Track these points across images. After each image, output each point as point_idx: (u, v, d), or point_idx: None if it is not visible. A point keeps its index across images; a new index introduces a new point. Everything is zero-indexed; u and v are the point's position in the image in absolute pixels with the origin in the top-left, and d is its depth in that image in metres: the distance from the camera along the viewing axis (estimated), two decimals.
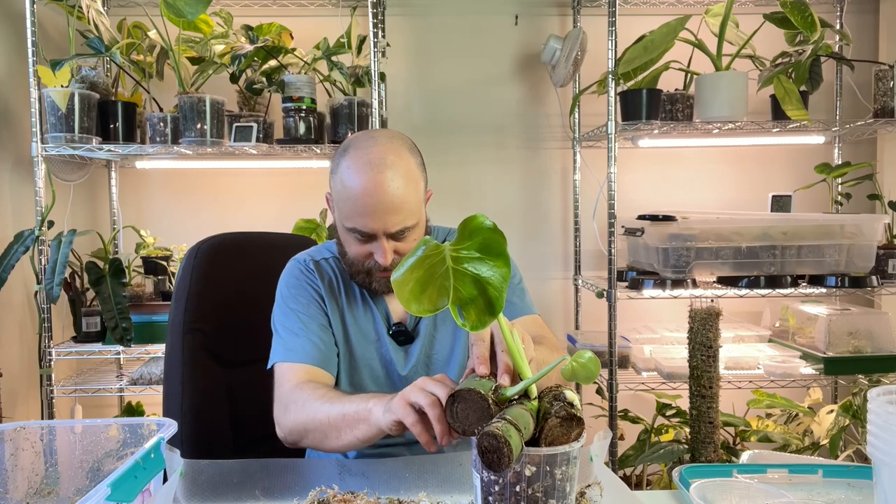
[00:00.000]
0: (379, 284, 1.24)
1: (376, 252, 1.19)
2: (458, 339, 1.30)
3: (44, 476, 0.89)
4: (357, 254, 1.21)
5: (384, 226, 1.16)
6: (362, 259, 1.22)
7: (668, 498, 1.04)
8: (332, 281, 1.31)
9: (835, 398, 2.65)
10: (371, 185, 1.15)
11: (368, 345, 1.28)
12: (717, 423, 1.96)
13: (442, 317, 1.29)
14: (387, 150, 1.18)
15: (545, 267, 2.76)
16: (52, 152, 2.14)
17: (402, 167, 1.17)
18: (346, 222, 1.18)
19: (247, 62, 2.28)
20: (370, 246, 1.19)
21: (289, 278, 1.31)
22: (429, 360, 1.29)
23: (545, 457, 0.75)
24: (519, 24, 2.71)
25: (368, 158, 1.16)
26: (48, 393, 2.15)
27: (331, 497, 0.94)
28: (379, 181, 1.15)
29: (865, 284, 2.24)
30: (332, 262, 1.33)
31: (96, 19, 2.20)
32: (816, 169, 2.51)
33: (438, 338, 1.30)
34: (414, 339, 1.29)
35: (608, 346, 2.26)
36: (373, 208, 1.15)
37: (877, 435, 0.77)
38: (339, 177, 1.19)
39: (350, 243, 1.22)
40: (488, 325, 0.76)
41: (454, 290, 0.75)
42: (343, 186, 1.18)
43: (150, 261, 2.39)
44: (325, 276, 1.31)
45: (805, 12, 2.16)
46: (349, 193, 1.16)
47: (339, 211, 1.21)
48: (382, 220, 1.16)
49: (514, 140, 2.72)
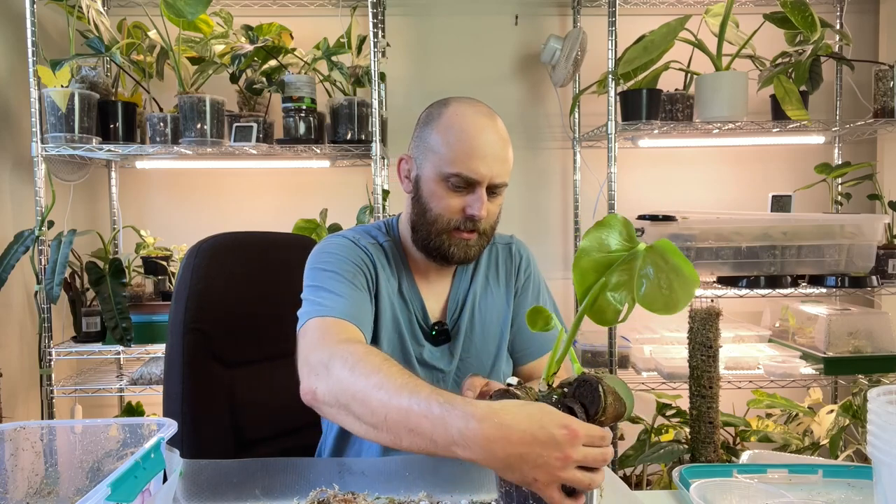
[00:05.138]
0: (458, 248, 1.17)
1: (472, 204, 1.14)
2: (495, 343, 1.28)
3: (44, 476, 0.89)
4: (447, 207, 1.15)
5: (492, 172, 1.14)
6: (452, 214, 1.15)
7: (668, 498, 1.04)
8: (385, 266, 1.23)
9: (835, 398, 2.65)
10: (484, 130, 1.14)
11: (406, 341, 1.23)
12: (717, 423, 1.96)
13: (479, 319, 1.27)
14: (490, 110, 1.19)
15: (545, 267, 2.73)
16: (52, 152, 2.14)
17: (503, 127, 1.19)
18: (448, 168, 1.13)
19: (247, 62, 2.28)
20: (467, 198, 1.15)
21: (332, 251, 1.19)
22: (463, 362, 1.26)
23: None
24: (519, 24, 2.71)
25: (477, 109, 1.17)
26: (48, 393, 2.15)
27: (331, 497, 0.94)
28: (489, 128, 1.15)
29: (865, 284, 2.24)
30: (385, 246, 1.25)
31: (96, 19, 2.20)
32: (816, 169, 2.51)
33: (475, 340, 1.27)
34: (452, 340, 1.26)
35: (608, 346, 2.26)
36: (483, 152, 1.13)
37: (877, 435, 0.77)
38: (442, 124, 1.16)
39: (440, 196, 1.15)
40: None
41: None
42: (449, 132, 1.14)
43: (150, 261, 2.39)
44: (377, 260, 1.22)
45: (805, 12, 2.16)
46: (458, 137, 1.13)
47: (438, 158, 1.15)
48: (491, 166, 1.13)
49: (514, 140, 2.68)
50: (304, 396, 0.97)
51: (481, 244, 1.20)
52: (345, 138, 2.30)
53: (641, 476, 2.40)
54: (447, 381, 1.25)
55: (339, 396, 0.91)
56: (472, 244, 1.18)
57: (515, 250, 1.35)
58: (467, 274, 1.30)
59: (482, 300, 1.29)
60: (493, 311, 1.29)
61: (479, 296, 1.29)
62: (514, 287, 1.32)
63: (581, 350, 2.40)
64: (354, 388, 0.89)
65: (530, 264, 1.36)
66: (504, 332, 1.29)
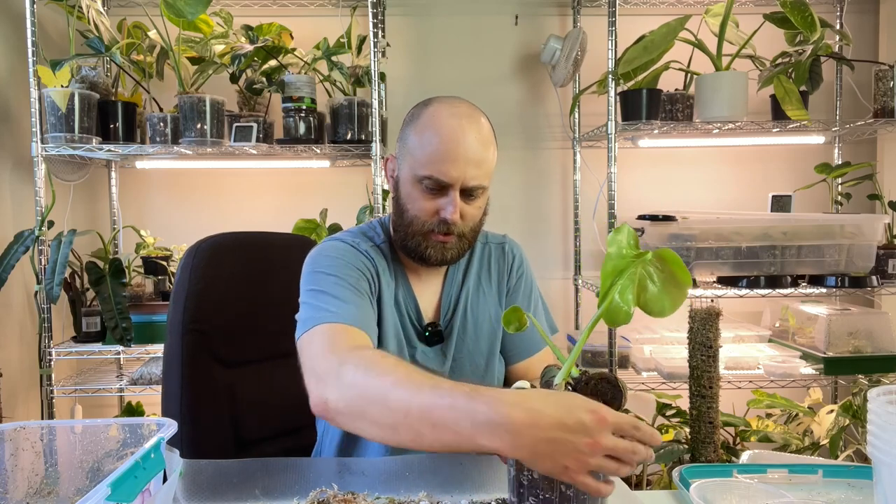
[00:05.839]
0: (434, 251, 1.17)
1: (445, 207, 1.13)
2: (488, 343, 1.28)
3: (44, 476, 0.88)
4: (422, 210, 1.14)
5: (464, 175, 1.12)
6: (426, 217, 1.14)
7: (668, 498, 1.04)
8: (384, 268, 1.22)
9: (835, 398, 2.65)
10: (458, 132, 1.12)
11: (402, 342, 1.22)
12: (717, 423, 1.96)
13: (471, 319, 1.27)
14: (472, 109, 1.17)
15: (545, 267, 2.76)
16: (52, 152, 2.14)
17: (484, 127, 1.16)
18: (421, 170, 1.12)
19: (247, 62, 2.28)
20: (440, 201, 1.14)
21: (333, 255, 1.17)
22: (456, 362, 1.26)
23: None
24: (519, 24, 2.71)
25: (455, 111, 1.15)
26: (48, 393, 2.15)
27: (331, 497, 0.93)
28: (465, 130, 1.12)
29: (865, 284, 2.24)
30: (382, 248, 1.24)
31: (96, 19, 2.20)
32: (816, 169, 2.51)
33: (467, 340, 1.26)
34: (445, 340, 1.25)
35: (608, 346, 2.26)
36: (455, 155, 1.11)
37: (877, 435, 0.77)
38: (420, 125, 1.15)
39: (416, 198, 1.15)
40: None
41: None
42: (424, 133, 1.13)
43: (150, 261, 2.39)
44: (376, 263, 1.21)
45: (805, 12, 2.16)
46: (431, 140, 1.12)
47: (413, 161, 1.14)
48: (463, 170, 1.11)
49: (514, 140, 2.72)
50: (314, 408, 0.94)
51: (461, 246, 1.19)
52: (345, 138, 2.30)
53: (641, 476, 2.40)
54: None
55: (353, 402, 0.89)
56: (448, 246, 1.17)
57: (508, 250, 1.35)
58: (459, 273, 1.29)
59: (474, 300, 1.28)
60: (486, 310, 1.29)
61: (472, 296, 1.28)
62: (505, 286, 1.32)
63: (581, 350, 2.39)
64: (370, 390, 0.87)
65: (523, 264, 1.35)
66: (497, 331, 1.28)
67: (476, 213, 1.19)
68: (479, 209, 1.19)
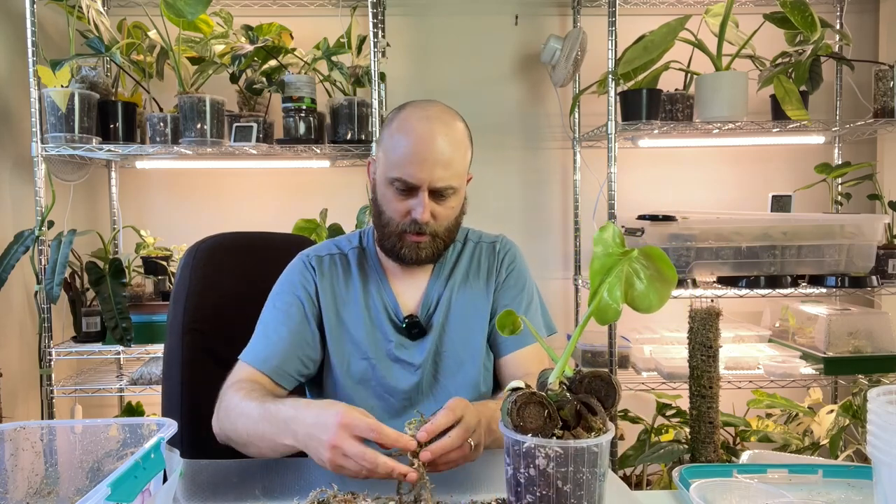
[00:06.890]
0: (409, 250, 1.22)
1: (415, 208, 1.18)
2: (473, 337, 1.29)
3: (44, 476, 0.88)
4: (395, 211, 1.20)
5: (431, 177, 1.16)
6: (399, 217, 1.20)
7: (668, 498, 1.04)
8: (339, 275, 1.29)
9: (835, 398, 2.65)
10: (426, 134, 1.16)
11: (377, 338, 1.26)
12: (717, 423, 1.96)
13: (455, 313, 1.29)
14: (444, 112, 1.21)
15: (545, 267, 2.76)
16: (52, 152, 2.14)
17: (456, 129, 1.20)
18: (392, 172, 1.17)
19: (247, 62, 2.28)
20: (410, 202, 1.18)
21: (283, 275, 1.31)
22: (439, 356, 1.28)
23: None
24: (519, 24, 2.71)
25: (426, 114, 1.19)
26: (48, 393, 2.15)
27: (331, 497, 0.94)
28: (434, 132, 1.17)
29: (865, 284, 2.24)
30: (349, 254, 1.32)
31: (96, 19, 2.20)
32: (816, 169, 2.51)
33: (450, 333, 1.28)
34: (426, 333, 1.28)
35: (608, 345, 2.26)
36: (422, 157, 1.15)
37: (877, 435, 0.76)
38: (392, 128, 1.20)
39: (389, 199, 1.20)
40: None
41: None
42: (395, 136, 1.18)
43: (150, 261, 2.39)
44: (326, 273, 1.29)
45: (805, 12, 2.16)
46: (400, 142, 1.17)
47: (386, 163, 1.20)
48: (430, 172, 1.16)
49: (514, 140, 2.72)
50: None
51: (435, 245, 1.23)
52: (345, 138, 2.30)
53: (641, 476, 2.40)
54: (421, 374, 1.26)
55: (223, 429, 1.13)
56: (423, 246, 1.22)
57: (499, 248, 1.37)
58: (445, 271, 1.32)
59: (460, 296, 1.30)
60: (472, 305, 1.30)
61: (457, 292, 1.30)
62: (494, 282, 1.33)
63: (581, 350, 2.40)
64: (225, 422, 1.12)
65: (515, 260, 1.36)
66: (483, 326, 1.30)
67: (449, 213, 1.22)
68: (451, 209, 1.22)
